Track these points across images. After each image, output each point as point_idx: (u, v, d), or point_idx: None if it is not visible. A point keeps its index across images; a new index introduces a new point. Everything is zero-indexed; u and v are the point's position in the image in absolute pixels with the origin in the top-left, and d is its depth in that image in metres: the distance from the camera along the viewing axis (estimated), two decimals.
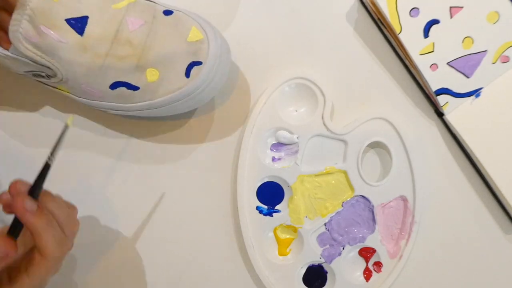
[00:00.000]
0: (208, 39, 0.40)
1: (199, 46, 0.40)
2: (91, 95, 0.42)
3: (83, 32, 0.38)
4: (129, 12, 0.40)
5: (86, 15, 0.39)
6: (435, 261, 0.47)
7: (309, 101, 0.46)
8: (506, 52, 0.43)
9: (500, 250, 0.47)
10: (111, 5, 0.40)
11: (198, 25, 0.40)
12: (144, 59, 0.40)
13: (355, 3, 0.46)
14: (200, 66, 0.40)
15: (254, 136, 0.46)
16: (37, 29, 0.38)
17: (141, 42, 0.40)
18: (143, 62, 0.40)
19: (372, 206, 0.46)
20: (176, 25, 0.40)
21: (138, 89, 0.41)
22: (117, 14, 0.39)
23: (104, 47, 0.39)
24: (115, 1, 0.40)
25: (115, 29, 0.39)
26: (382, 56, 0.46)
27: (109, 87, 0.41)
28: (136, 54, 0.40)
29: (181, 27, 0.40)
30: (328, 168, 0.46)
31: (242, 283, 0.48)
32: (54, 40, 0.38)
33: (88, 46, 0.39)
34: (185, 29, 0.40)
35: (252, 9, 0.47)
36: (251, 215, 0.46)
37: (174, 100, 0.41)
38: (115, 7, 0.40)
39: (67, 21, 0.38)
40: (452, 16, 0.43)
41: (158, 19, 0.40)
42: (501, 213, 0.46)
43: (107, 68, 0.40)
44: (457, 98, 0.43)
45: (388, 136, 0.45)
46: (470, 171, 0.46)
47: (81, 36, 0.39)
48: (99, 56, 0.39)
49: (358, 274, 0.46)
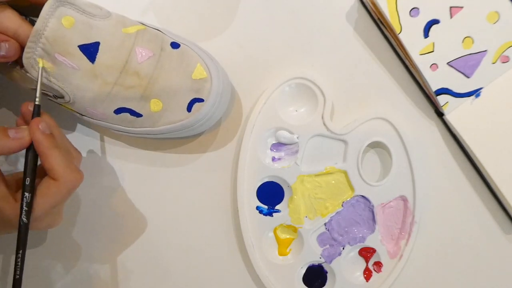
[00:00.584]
0: (212, 78, 0.42)
1: (202, 85, 0.41)
2: (95, 116, 0.43)
3: (94, 59, 0.40)
4: (138, 40, 0.41)
5: (97, 41, 0.40)
6: (435, 261, 0.47)
7: (309, 101, 0.46)
8: (506, 52, 0.43)
9: (500, 250, 0.47)
10: (122, 29, 0.41)
11: (203, 62, 0.42)
12: (150, 90, 0.41)
13: (355, 3, 0.46)
14: (201, 103, 0.42)
15: (254, 136, 0.46)
16: (51, 56, 0.39)
17: (148, 74, 0.41)
18: (148, 93, 0.41)
19: (372, 206, 0.46)
20: (182, 61, 0.42)
21: (141, 116, 0.43)
22: (126, 41, 0.41)
23: (113, 76, 0.41)
24: (125, 25, 0.42)
25: (125, 60, 0.41)
26: (382, 56, 0.46)
27: (114, 112, 0.42)
28: (142, 85, 0.41)
29: (186, 63, 0.42)
30: (328, 168, 0.46)
31: (242, 283, 0.48)
32: (68, 67, 0.40)
33: (98, 74, 0.40)
34: (190, 66, 0.42)
35: (252, 9, 0.47)
36: (251, 215, 0.46)
37: (173, 130, 0.43)
38: (125, 31, 0.41)
39: (80, 47, 0.39)
40: (452, 16, 0.43)
41: (165, 51, 0.42)
42: (501, 213, 0.46)
43: (114, 95, 0.41)
44: (457, 98, 0.43)
45: (388, 136, 0.45)
46: (470, 171, 0.46)
47: (93, 64, 0.40)
48: (107, 84, 0.41)
49: (358, 274, 0.46)
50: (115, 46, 0.40)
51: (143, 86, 0.41)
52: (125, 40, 0.41)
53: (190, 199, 0.48)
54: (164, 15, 0.47)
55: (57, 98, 0.42)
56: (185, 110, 0.42)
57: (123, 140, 0.48)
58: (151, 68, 0.41)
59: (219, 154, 0.47)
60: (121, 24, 0.41)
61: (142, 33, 0.42)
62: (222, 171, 0.47)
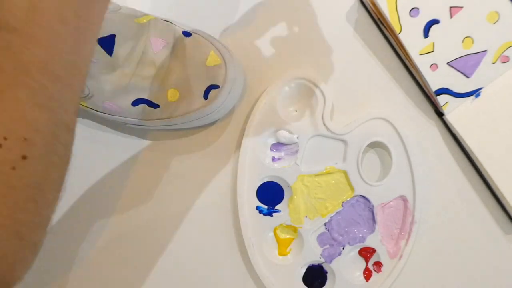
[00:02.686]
0: (226, 64, 0.42)
1: (217, 71, 0.42)
2: (112, 110, 0.44)
3: (112, 52, 0.40)
4: (151, 30, 0.42)
5: (113, 33, 0.40)
6: (435, 261, 0.47)
7: (309, 101, 0.46)
8: (506, 52, 0.43)
9: (500, 250, 0.47)
10: (134, 20, 0.42)
11: (216, 49, 0.43)
12: (166, 80, 0.42)
13: (355, 3, 0.46)
14: (217, 89, 0.42)
15: (254, 136, 0.46)
16: None
17: (164, 64, 0.42)
18: (165, 83, 0.42)
19: (372, 206, 0.46)
20: (195, 49, 0.43)
21: (158, 107, 0.43)
22: (140, 31, 0.41)
23: (130, 67, 0.41)
24: (137, 15, 0.43)
25: (141, 50, 0.41)
26: (382, 56, 0.46)
27: (131, 104, 0.43)
28: (159, 75, 0.42)
29: (199, 50, 0.42)
30: (328, 168, 0.46)
31: (242, 283, 0.48)
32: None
33: (116, 66, 0.41)
34: (204, 53, 0.42)
35: (252, 9, 0.47)
36: (251, 215, 0.46)
37: (191, 119, 0.44)
38: (138, 21, 0.42)
39: (97, 41, 0.40)
40: (452, 16, 0.43)
41: (178, 40, 0.43)
42: (501, 213, 0.46)
43: (132, 86, 0.42)
44: (457, 98, 0.43)
45: (388, 136, 0.45)
46: (470, 171, 0.46)
47: (111, 56, 0.41)
48: (126, 75, 0.41)
49: (358, 274, 0.46)
50: (130, 36, 0.41)
51: (160, 76, 0.42)
52: (139, 30, 0.41)
53: (190, 199, 0.48)
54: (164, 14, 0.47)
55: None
56: (201, 98, 0.42)
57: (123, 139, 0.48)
58: (166, 57, 0.42)
59: (219, 153, 0.47)
60: (133, 15, 0.42)
61: (154, 23, 0.43)
62: (222, 171, 0.47)
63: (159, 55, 0.42)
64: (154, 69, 0.42)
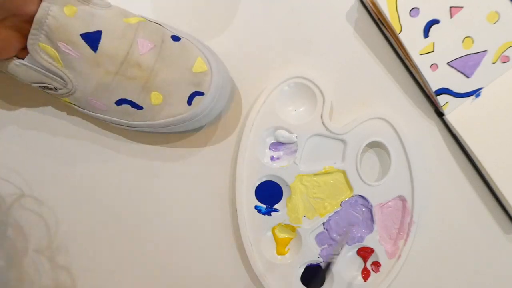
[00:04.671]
0: (212, 72, 0.42)
1: (203, 78, 0.42)
2: (95, 108, 0.44)
3: (96, 48, 0.40)
4: (140, 31, 0.42)
5: (99, 30, 0.40)
6: (434, 261, 0.47)
7: (308, 101, 0.46)
8: (506, 52, 0.43)
9: (500, 250, 0.46)
10: (123, 19, 0.41)
11: (203, 56, 0.42)
12: (151, 82, 0.42)
13: (355, 3, 0.46)
14: (202, 96, 0.42)
15: (253, 135, 0.46)
16: (55, 44, 0.39)
17: (150, 66, 0.41)
18: (149, 85, 0.42)
19: (370, 206, 0.46)
20: (182, 54, 0.42)
21: (142, 109, 0.43)
22: (128, 31, 0.41)
23: (114, 66, 0.41)
24: (127, 15, 0.42)
25: (127, 50, 0.41)
26: (382, 56, 0.46)
27: (115, 103, 0.43)
28: (143, 77, 0.41)
29: (187, 56, 0.42)
30: (326, 167, 0.46)
31: (240, 282, 0.48)
32: (71, 54, 0.40)
33: (100, 63, 0.41)
34: (190, 59, 0.42)
35: (252, 9, 0.47)
36: (249, 214, 0.46)
37: (173, 123, 0.43)
38: (127, 21, 0.42)
39: (82, 36, 0.40)
40: (452, 16, 0.42)
41: (166, 44, 0.42)
42: (501, 213, 0.46)
43: (116, 85, 0.42)
44: (457, 98, 0.43)
45: (387, 136, 0.45)
46: (470, 171, 0.46)
47: (95, 52, 0.40)
48: (109, 73, 0.41)
49: (356, 274, 0.46)
50: (117, 35, 0.41)
51: (144, 77, 0.41)
52: (127, 30, 0.41)
53: (189, 198, 0.48)
54: (164, 13, 0.47)
55: (58, 90, 0.42)
56: (185, 103, 0.42)
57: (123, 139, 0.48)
58: (152, 60, 0.41)
59: (218, 152, 0.47)
60: (123, 15, 0.42)
61: (144, 25, 0.42)
62: (221, 170, 0.48)
63: (145, 57, 0.41)
64: (139, 70, 0.41)
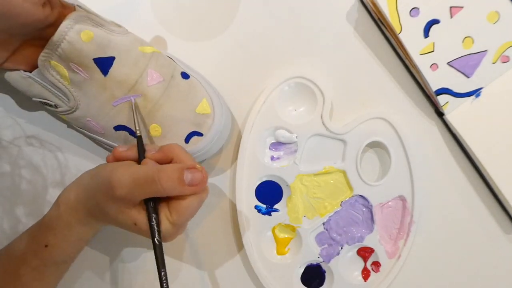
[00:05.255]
0: (215, 115, 0.42)
1: (205, 120, 0.42)
2: (92, 130, 0.43)
3: (107, 73, 0.40)
4: (152, 62, 0.42)
5: (113, 56, 0.40)
6: (434, 261, 0.47)
7: (308, 101, 0.46)
8: (506, 52, 0.43)
9: (500, 250, 0.47)
10: (138, 47, 0.41)
11: (209, 98, 0.43)
12: (152, 114, 0.42)
13: (355, 3, 0.46)
14: (200, 137, 0.42)
15: (253, 135, 0.46)
16: (66, 64, 0.39)
17: (155, 98, 0.41)
18: (150, 117, 0.42)
19: (370, 205, 0.46)
20: (189, 92, 0.42)
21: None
22: (141, 60, 0.41)
23: (121, 92, 0.41)
24: (143, 44, 0.42)
25: (136, 79, 0.41)
26: (382, 56, 0.46)
27: (113, 128, 0.43)
28: (146, 107, 0.42)
29: (193, 95, 0.42)
30: (327, 167, 0.46)
31: (240, 282, 0.48)
32: (81, 75, 0.40)
33: (108, 87, 0.41)
34: (196, 99, 0.42)
35: (252, 9, 0.47)
36: (249, 214, 0.46)
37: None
38: (142, 49, 0.41)
39: (94, 60, 0.40)
40: (452, 16, 0.42)
41: (175, 80, 0.42)
42: (501, 213, 0.46)
43: (118, 111, 0.42)
44: (457, 98, 0.43)
45: (387, 136, 0.45)
46: (470, 171, 0.46)
47: (105, 76, 0.40)
48: (115, 98, 0.41)
49: (356, 274, 0.46)
50: (129, 63, 0.41)
51: (147, 108, 0.42)
52: (140, 59, 0.41)
53: None
54: (164, 14, 0.47)
55: (58, 107, 0.42)
56: (182, 141, 0.42)
57: None
58: (158, 93, 0.41)
59: (218, 152, 0.47)
60: (139, 43, 0.42)
61: (157, 56, 0.42)
62: (221, 170, 0.48)
63: (152, 89, 0.41)
64: (144, 101, 0.41)
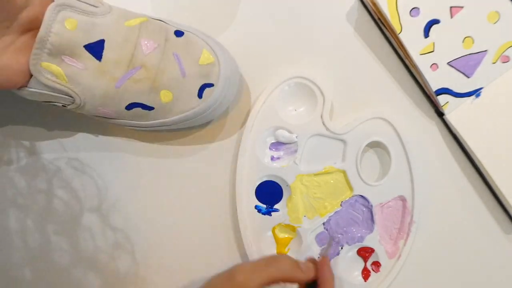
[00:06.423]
0: (219, 62, 0.42)
1: (211, 69, 0.41)
2: (107, 115, 0.43)
3: (101, 57, 0.40)
4: (142, 32, 0.41)
5: (102, 39, 0.40)
6: (434, 261, 0.47)
7: (308, 101, 0.46)
8: (507, 52, 0.43)
9: (500, 250, 0.46)
10: (124, 23, 0.41)
11: (209, 47, 0.42)
12: (158, 81, 0.41)
13: (356, 3, 0.46)
14: (212, 88, 0.42)
15: (253, 135, 0.46)
16: (58, 59, 0.39)
17: (155, 65, 0.41)
18: (157, 84, 0.41)
19: (370, 205, 0.46)
20: (187, 48, 0.42)
21: (153, 109, 0.43)
22: (130, 34, 0.41)
23: (120, 71, 0.40)
24: (128, 17, 0.41)
25: (131, 53, 0.40)
26: (382, 56, 0.46)
27: (125, 108, 0.42)
28: (150, 77, 0.41)
29: (192, 50, 0.42)
30: (327, 167, 0.46)
31: None
32: (75, 67, 0.40)
33: (106, 71, 0.40)
34: (196, 52, 0.42)
35: (252, 9, 0.47)
36: (249, 214, 0.46)
37: (187, 118, 0.43)
38: (128, 24, 0.41)
39: (85, 47, 0.39)
40: (452, 16, 0.42)
41: (170, 41, 0.42)
42: (501, 213, 0.46)
43: (124, 90, 0.41)
44: (458, 98, 0.43)
45: (387, 136, 0.45)
46: (470, 171, 0.46)
47: (100, 61, 0.40)
48: (116, 79, 0.41)
49: (356, 274, 0.46)
50: (119, 41, 0.40)
51: (151, 78, 0.41)
52: (129, 33, 0.41)
53: (189, 198, 0.48)
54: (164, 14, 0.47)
55: (67, 106, 0.42)
56: (196, 97, 0.42)
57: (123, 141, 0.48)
58: (157, 59, 0.41)
59: (218, 152, 0.48)
60: (123, 18, 0.41)
61: (146, 25, 0.41)
62: (221, 170, 0.48)
63: (150, 57, 0.41)
64: (145, 71, 0.41)
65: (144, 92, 0.41)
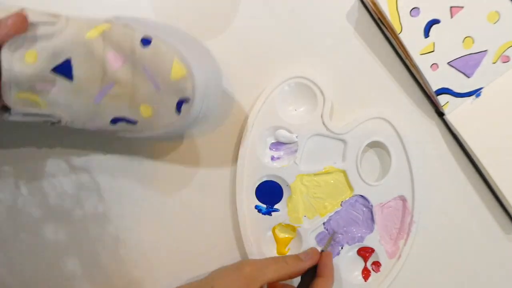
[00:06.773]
0: (192, 74, 0.39)
1: (184, 85, 0.39)
2: (98, 129, 0.42)
3: (72, 76, 0.38)
4: (107, 44, 0.39)
5: (67, 59, 0.38)
6: (434, 261, 0.47)
7: (308, 101, 0.46)
8: (507, 52, 0.43)
9: (500, 250, 0.47)
10: (85, 35, 0.39)
11: (180, 56, 0.39)
12: (136, 96, 0.40)
13: (356, 3, 0.46)
14: (188, 103, 0.39)
15: (253, 135, 0.46)
16: (32, 89, 0.38)
17: (129, 80, 0.39)
18: (135, 99, 0.40)
19: (371, 205, 0.46)
20: (156, 61, 0.39)
21: (136, 123, 0.41)
22: (95, 47, 0.39)
23: (94, 88, 0.39)
24: (88, 26, 0.39)
25: (101, 68, 0.39)
26: (383, 56, 0.46)
27: (110, 122, 0.41)
28: (127, 92, 0.40)
29: (161, 63, 0.39)
30: (327, 167, 0.46)
31: None
32: (51, 92, 0.38)
33: (79, 89, 0.39)
34: (166, 66, 0.39)
35: (252, 8, 0.47)
36: (250, 214, 0.46)
37: (168, 133, 0.41)
38: (89, 36, 0.39)
39: (53, 70, 0.38)
40: (452, 16, 0.42)
41: (136, 54, 0.39)
42: (501, 213, 0.46)
43: (104, 106, 0.40)
44: (458, 98, 0.43)
45: (387, 136, 0.45)
46: (470, 171, 0.46)
47: (72, 81, 0.38)
48: (92, 96, 0.39)
49: (356, 274, 0.47)
50: (85, 56, 0.38)
51: (128, 93, 0.40)
52: (93, 47, 0.38)
53: (189, 198, 0.48)
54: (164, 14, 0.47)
55: (55, 124, 0.41)
56: (174, 113, 0.40)
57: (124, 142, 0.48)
58: (128, 74, 0.39)
59: (218, 152, 0.47)
60: (83, 29, 0.39)
61: (109, 34, 0.39)
62: (221, 170, 0.48)
63: (121, 73, 0.39)
64: (120, 87, 0.39)
65: (124, 107, 0.40)
